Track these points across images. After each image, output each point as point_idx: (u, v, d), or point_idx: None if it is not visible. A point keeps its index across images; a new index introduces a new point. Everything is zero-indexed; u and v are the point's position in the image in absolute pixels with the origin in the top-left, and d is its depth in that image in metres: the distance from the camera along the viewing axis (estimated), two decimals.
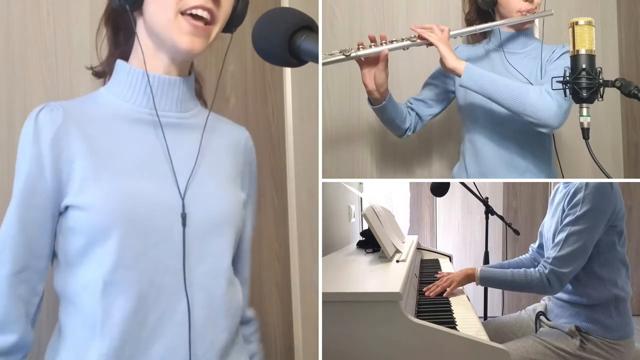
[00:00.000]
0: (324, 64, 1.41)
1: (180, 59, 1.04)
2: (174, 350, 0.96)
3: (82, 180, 0.93)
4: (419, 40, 1.48)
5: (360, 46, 1.44)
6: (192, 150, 1.04)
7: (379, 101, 1.56)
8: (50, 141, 0.94)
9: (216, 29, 1.02)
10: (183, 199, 0.98)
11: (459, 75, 1.43)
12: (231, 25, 1.06)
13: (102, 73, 1.11)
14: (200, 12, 0.97)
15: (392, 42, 1.47)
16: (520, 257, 1.97)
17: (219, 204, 1.04)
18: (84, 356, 0.93)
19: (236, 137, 1.16)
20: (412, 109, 1.71)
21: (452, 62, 1.43)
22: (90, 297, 0.93)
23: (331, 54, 1.42)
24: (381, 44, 1.46)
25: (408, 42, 1.47)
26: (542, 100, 1.39)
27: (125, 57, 1.07)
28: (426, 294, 1.60)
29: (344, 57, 1.41)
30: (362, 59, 1.47)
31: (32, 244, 0.96)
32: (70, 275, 0.97)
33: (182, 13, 0.97)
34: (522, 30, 1.61)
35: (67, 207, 0.95)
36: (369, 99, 1.59)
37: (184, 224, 0.97)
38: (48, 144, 0.93)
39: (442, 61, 1.45)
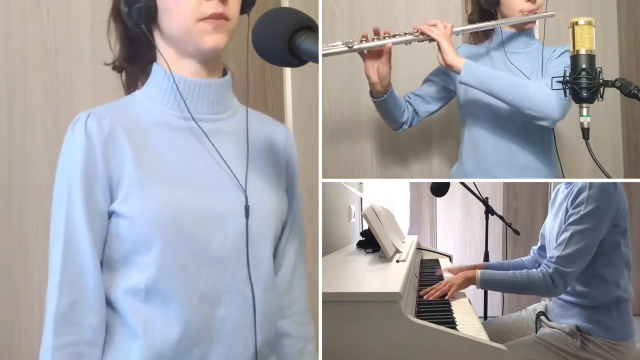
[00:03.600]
0: (326, 55, 1.41)
1: (207, 59, 1.02)
2: (218, 353, 0.97)
3: (128, 188, 0.94)
4: (421, 36, 1.48)
5: (364, 39, 1.45)
6: (235, 152, 1.03)
7: (381, 94, 1.56)
8: (101, 148, 0.94)
9: (232, 25, 1.00)
10: (245, 191, 0.99)
11: (458, 72, 1.44)
12: (245, 7, 1.05)
13: (121, 67, 1.10)
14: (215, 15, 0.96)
15: (395, 36, 1.48)
16: (521, 258, 1.96)
17: (266, 205, 1.03)
18: (129, 357, 0.94)
19: (276, 135, 1.14)
20: (410, 104, 1.71)
21: (452, 58, 1.44)
22: (132, 303, 0.94)
23: (333, 45, 1.42)
24: (384, 38, 1.47)
25: (411, 37, 1.48)
26: (542, 92, 1.40)
27: (145, 52, 1.06)
28: (424, 297, 1.54)
29: (347, 49, 1.42)
30: (365, 51, 1.48)
31: (99, 245, 0.96)
32: (111, 278, 0.97)
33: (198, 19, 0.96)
34: (523, 30, 1.62)
35: (112, 213, 0.96)
36: (370, 91, 1.59)
37: (247, 216, 0.98)
38: (100, 151, 0.94)
39: (441, 57, 1.45)
